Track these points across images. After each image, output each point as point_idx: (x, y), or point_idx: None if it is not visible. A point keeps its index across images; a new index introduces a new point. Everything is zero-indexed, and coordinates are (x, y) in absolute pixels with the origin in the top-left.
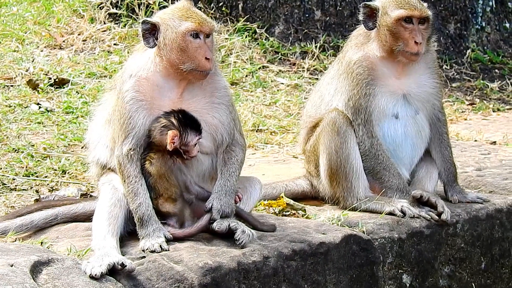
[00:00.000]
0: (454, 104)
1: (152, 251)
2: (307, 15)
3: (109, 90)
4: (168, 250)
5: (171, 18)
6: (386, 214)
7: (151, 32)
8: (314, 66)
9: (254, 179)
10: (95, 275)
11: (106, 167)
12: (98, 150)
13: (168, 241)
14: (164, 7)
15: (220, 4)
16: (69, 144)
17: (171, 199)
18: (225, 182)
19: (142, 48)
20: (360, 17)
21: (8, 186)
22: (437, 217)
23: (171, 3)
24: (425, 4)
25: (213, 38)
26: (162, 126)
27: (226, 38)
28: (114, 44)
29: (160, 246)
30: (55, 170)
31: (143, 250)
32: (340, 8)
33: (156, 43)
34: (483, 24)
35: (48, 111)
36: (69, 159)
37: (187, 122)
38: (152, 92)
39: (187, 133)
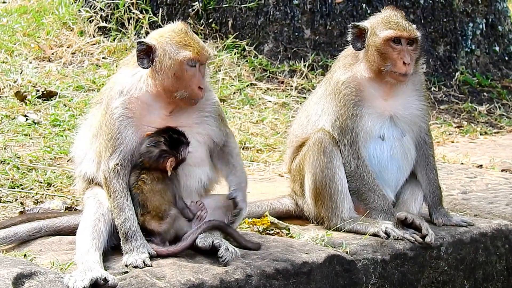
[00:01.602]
0: (441, 126)
1: (135, 267)
2: (296, 34)
3: (96, 104)
4: (151, 266)
5: (169, 43)
6: (370, 235)
7: (146, 53)
8: (302, 84)
9: None
10: None
11: (92, 181)
12: (84, 164)
13: (151, 257)
14: (154, 22)
15: (210, 20)
16: (55, 157)
17: (158, 217)
18: (238, 178)
19: (132, 64)
20: (349, 38)
21: None
22: (421, 240)
23: (161, 20)
24: (414, 26)
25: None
26: (157, 156)
27: (215, 55)
28: (103, 58)
29: (144, 261)
30: (41, 182)
31: (126, 265)
32: (330, 28)
33: (151, 65)
34: (473, 47)
35: (35, 123)
36: (54, 172)
37: (177, 141)
38: (142, 109)
39: (180, 152)
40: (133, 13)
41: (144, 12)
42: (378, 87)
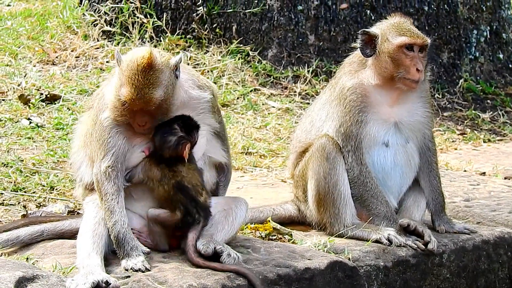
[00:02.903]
0: (445, 133)
1: (136, 270)
2: (300, 39)
3: (88, 109)
4: (150, 270)
5: (120, 74)
6: (372, 241)
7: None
8: (306, 90)
9: (240, 199)
10: None
11: (92, 189)
12: (82, 170)
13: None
14: (158, 26)
15: (214, 25)
16: (58, 161)
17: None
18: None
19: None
20: (358, 44)
21: None
22: (423, 247)
23: (165, 25)
24: None
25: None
26: (176, 144)
27: (219, 60)
28: (107, 62)
29: (143, 265)
30: (43, 186)
31: (127, 270)
32: (334, 34)
33: None
34: (477, 54)
35: (38, 126)
36: (57, 176)
37: (189, 126)
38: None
39: (194, 136)
40: (138, 17)
41: (148, 16)
42: (384, 93)
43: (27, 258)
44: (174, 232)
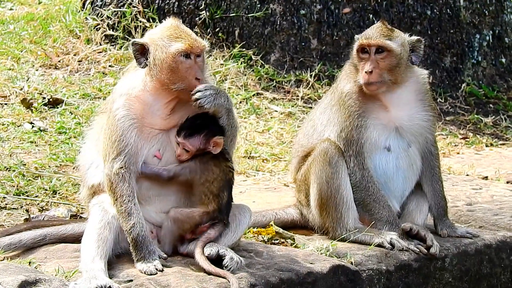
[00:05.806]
0: (447, 137)
1: (150, 274)
2: (303, 44)
3: (100, 113)
4: (162, 271)
5: (161, 38)
6: (375, 246)
7: (142, 52)
8: (308, 94)
9: (244, 207)
10: None
11: (97, 189)
12: (90, 172)
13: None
14: None
15: (217, 29)
16: (60, 165)
17: None
18: None
19: (132, 68)
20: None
21: None
22: (426, 251)
23: None
24: (403, 35)
25: (204, 57)
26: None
27: (222, 64)
28: (110, 66)
29: (156, 268)
30: (46, 190)
31: (142, 272)
32: (337, 38)
33: (147, 63)
34: (479, 58)
35: (41, 130)
36: (60, 180)
37: (189, 125)
38: (142, 110)
39: (180, 137)
40: (140, 21)
41: (151, 20)
42: (374, 98)
43: (29, 262)
44: (192, 232)
